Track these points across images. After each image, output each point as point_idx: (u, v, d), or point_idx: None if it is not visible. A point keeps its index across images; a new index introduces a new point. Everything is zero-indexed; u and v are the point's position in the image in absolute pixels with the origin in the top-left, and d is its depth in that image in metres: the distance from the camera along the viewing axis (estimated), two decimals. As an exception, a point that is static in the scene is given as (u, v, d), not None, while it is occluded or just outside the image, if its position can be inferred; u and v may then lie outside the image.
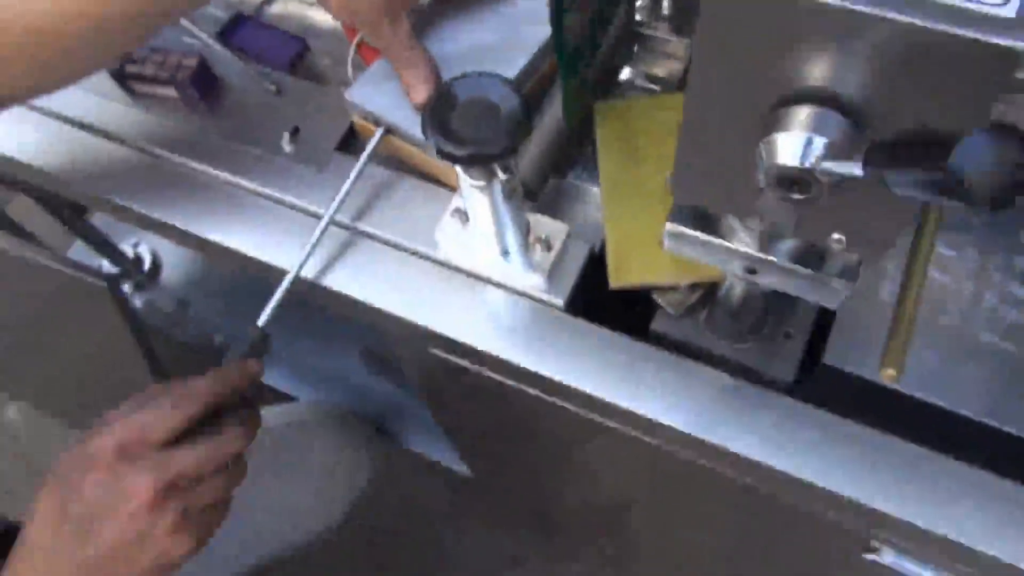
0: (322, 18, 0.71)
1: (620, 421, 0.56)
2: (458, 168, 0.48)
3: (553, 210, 0.60)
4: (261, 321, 0.52)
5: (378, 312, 0.58)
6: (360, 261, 0.59)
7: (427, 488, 1.32)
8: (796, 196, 0.31)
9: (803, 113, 0.31)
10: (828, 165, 0.28)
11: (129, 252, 1.31)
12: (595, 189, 0.60)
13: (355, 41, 0.62)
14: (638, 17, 0.64)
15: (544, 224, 0.56)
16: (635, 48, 0.66)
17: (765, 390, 0.53)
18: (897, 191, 0.23)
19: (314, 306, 0.62)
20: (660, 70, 0.65)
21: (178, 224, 0.62)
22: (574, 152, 0.61)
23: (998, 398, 0.54)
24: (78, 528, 0.47)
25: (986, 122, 0.27)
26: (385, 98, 0.58)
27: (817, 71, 0.30)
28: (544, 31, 0.59)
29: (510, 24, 0.60)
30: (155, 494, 0.47)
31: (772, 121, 0.31)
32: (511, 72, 0.57)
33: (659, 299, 0.56)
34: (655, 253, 0.54)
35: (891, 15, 0.27)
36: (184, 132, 0.65)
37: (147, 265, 1.31)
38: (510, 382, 0.60)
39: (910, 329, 0.46)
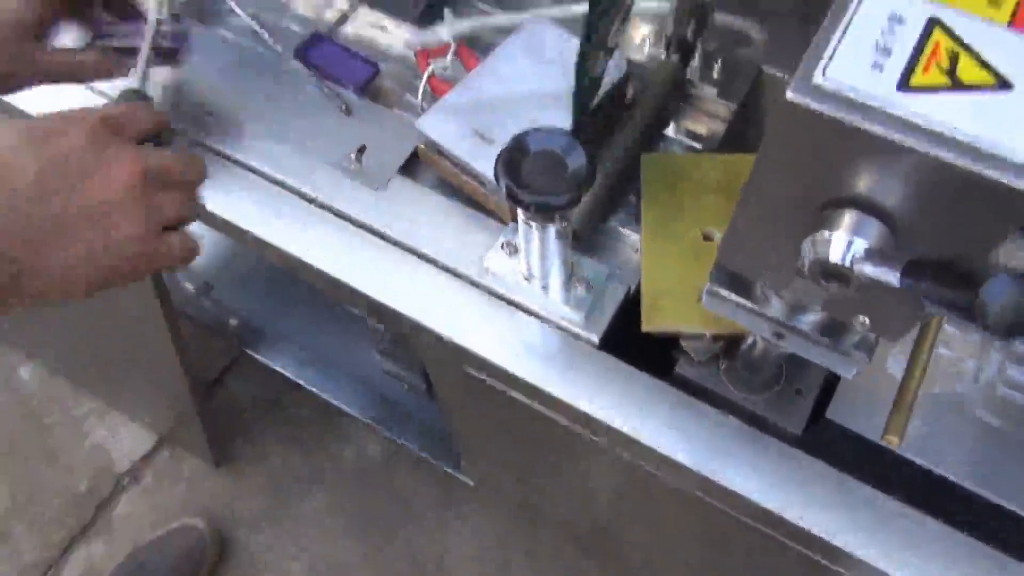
0: (391, 43, 0.75)
1: (632, 452, 0.60)
2: (519, 209, 0.53)
3: (593, 249, 0.65)
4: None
5: (421, 328, 0.63)
6: (409, 277, 0.64)
7: (421, 488, 1.37)
8: (833, 287, 0.36)
9: (848, 216, 0.35)
10: (867, 270, 0.32)
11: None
12: (634, 235, 0.65)
13: (427, 72, 0.67)
14: (688, 77, 0.69)
15: (587, 265, 0.61)
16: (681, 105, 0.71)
17: (766, 435, 0.57)
18: (926, 304, 0.28)
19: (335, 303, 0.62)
20: (702, 128, 0.70)
21: (235, 221, 0.67)
22: (618, 199, 0.66)
23: (981, 466, 0.59)
24: (48, 179, 0.43)
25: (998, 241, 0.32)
26: (454, 130, 0.62)
27: (863, 183, 0.35)
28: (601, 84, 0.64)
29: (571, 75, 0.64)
30: (136, 171, 0.45)
31: (821, 219, 0.36)
32: (567, 121, 0.62)
33: (685, 345, 0.60)
34: (687, 302, 0.59)
35: (925, 148, 0.31)
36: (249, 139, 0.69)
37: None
38: (536, 405, 0.64)
39: (913, 402, 0.50)
